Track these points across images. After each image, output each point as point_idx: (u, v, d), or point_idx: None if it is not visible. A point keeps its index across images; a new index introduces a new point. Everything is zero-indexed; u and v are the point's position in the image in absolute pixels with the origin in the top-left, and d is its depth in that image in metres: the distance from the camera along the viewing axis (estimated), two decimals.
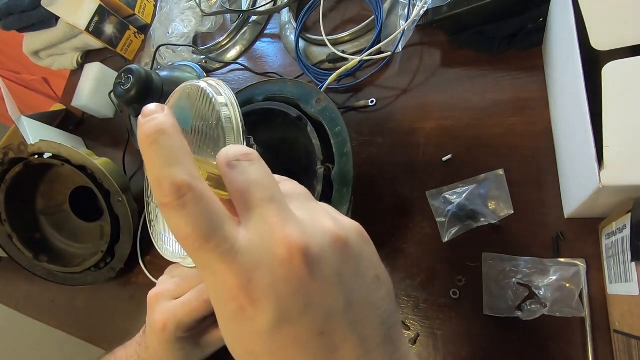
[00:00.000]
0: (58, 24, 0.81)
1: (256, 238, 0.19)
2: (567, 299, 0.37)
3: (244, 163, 0.20)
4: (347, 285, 0.20)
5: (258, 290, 0.18)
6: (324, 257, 0.19)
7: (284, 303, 0.18)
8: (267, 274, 0.18)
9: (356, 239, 0.21)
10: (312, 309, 0.19)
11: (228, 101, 0.39)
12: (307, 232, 0.19)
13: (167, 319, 0.37)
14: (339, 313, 0.19)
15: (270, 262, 0.18)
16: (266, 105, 0.46)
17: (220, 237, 0.18)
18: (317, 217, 0.21)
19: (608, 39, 0.31)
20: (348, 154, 0.39)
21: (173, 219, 0.18)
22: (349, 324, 0.19)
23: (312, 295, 0.19)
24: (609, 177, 0.29)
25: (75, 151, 0.56)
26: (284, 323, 0.18)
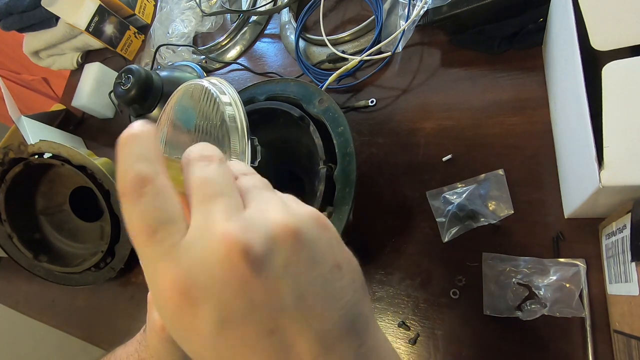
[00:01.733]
0: (58, 24, 0.81)
1: (197, 234, 0.18)
2: (567, 299, 0.37)
3: (202, 163, 0.20)
4: (297, 278, 0.18)
5: (196, 291, 0.17)
6: (269, 251, 0.18)
7: (224, 305, 0.17)
8: (206, 274, 0.17)
9: (310, 227, 0.20)
10: (257, 308, 0.18)
11: (232, 100, 0.39)
12: (251, 227, 0.18)
13: None
14: (289, 309, 0.18)
15: (209, 260, 0.17)
16: (268, 105, 0.46)
17: (166, 232, 0.18)
18: (267, 208, 0.19)
19: (608, 39, 0.31)
20: (351, 153, 0.39)
21: (128, 209, 0.18)
22: (302, 319, 0.18)
23: (256, 293, 0.17)
24: (609, 177, 0.29)
25: (75, 151, 0.56)
26: (227, 325, 0.17)
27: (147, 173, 0.18)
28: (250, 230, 0.18)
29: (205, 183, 0.19)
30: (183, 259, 0.17)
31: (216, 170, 0.20)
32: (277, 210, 0.19)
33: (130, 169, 0.18)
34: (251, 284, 0.17)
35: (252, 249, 0.17)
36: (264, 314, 0.18)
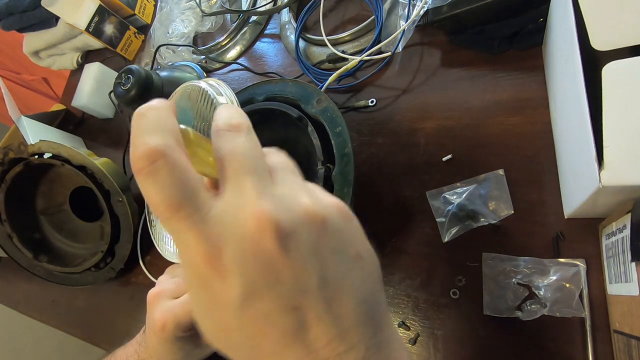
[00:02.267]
0: (58, 24, 0.81)
1: (229, 209, 0.18)
2: (567, 299, 0.37)
3: (231, 133, 0.20)
4: (322, 262, 0.19)
5: (226, 263, 0.17)
6: (298, 232, 0.18)
7: (252, 277, 0.17)
8: (237, 247, 0.17)
9: (336, 216, 0.20)
10: (282, 284, 0.18)
11: (229, 101, 0.39)
12: (282, 207, 0.18)
13: (166, 318, 0.37)
14: (312, 290, 0.18)
15: (240, 234, 0.17)
16: (267, 105, 0.46)
17: (192, 206, 0.18)
18: (297, 192, 0.20)
19: (608, 39, 0.31)
20: (349, 154, 0.39)
21: (145, 185, 0.17)
22: (323, 301, 0.18)
23: (283, 270, 0.18)
24: (609, 177, 0.29)
25: (75, 151, 0.56)
26: (252, 298, 0.18)
27: (158, 145, 0.17)
28: (282, 209, 0.18)
29: (237, 156, 0.19)
30: (214, 233, 0.17)
31: (246, 143, 0.20)
32: (306, 195, 0.20)
33: (141, 143, 0.17)
34: (279, 260, 0.18)
35: (282, 227, 0.18)
36: (287, 291, 0.18)
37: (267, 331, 0.18)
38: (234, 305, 0.18)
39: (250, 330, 0.18)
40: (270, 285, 0.18)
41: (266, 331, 0.18)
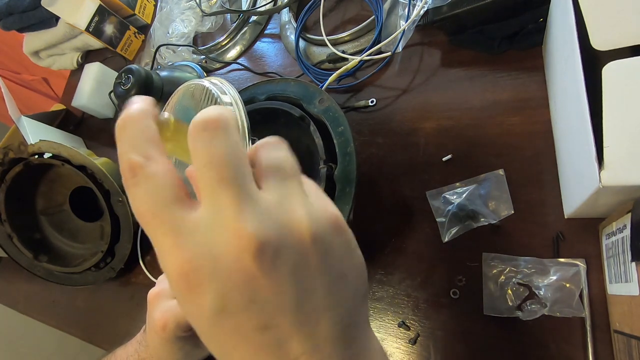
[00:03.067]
0: (58, 24, 0.81)
1: (206, 223, 0.18)
2: (567, 299, 0.37)
3: (205, 135, 0.18)
4: (302, 283, 0.18)
5: (199, 276, 0.17)
6: (281, 252, 0.17)
7: (224, 294, 0.17)
8: (211, 262, 0.17)
9: (327, 232, 0.19)
10: (257, 304, 0.18)
11: (233, 100, 0.39)
12: (266, 224, 0.17)
13: (167, 318, 0.37)
14: (288, 310, 0.18)
15: (216, 250, 0.17)
16: (269, 104, 0.46)
17: (168, 214, 0.18)
18: (287, 202, 0.19)
19: (608, 39, 0.31)
20: (351, 153, 0.39)
21: (130, 196, 0.18)
22: (297, 322, 0.18)
23: (259, 291, 0.17)
24: (609, 177, 0.29)
25: (75, 151, 0.56)
26: (223, 314, 0.17)
27: (137, 160, 0.18)
28: (265, 227, 0.17)
29: (211, 163, 0.18)
30: (189, 244, 0.17)
31: (223, 146, 0.18)
32: (297, 207, 0.19)
33: (123, 157, 0.18)
34: (256, 281, 0.17)
35: (264, 247, 0.17)
36: (262, 309, 0.18)
37: (239, 345, 0.18)
38: (207, 319, 0.18)
39: (222, 342, 0.18)
40: (244, 303, 0.17)
41: (238, 345, 0.18)
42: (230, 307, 0.17)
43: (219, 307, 0.17)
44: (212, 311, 0.17)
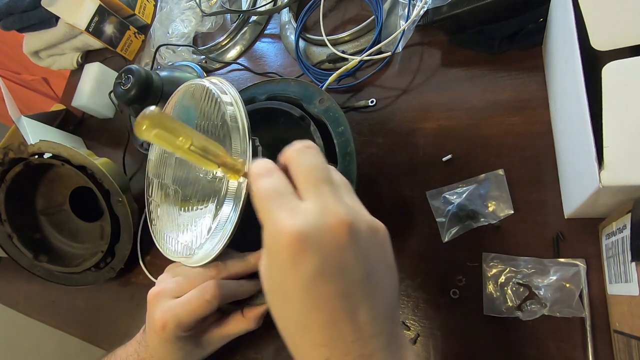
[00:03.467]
0: (58, 24, 0.81)
1: (314, 207, 0.24)
2: (567, 299, 0.37)
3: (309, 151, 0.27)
4: (370, 263, 0.25)
5: (310, 244, 0.23)
6: (361, 236, 0.24)
7: (326, 261, 0.23)
8: (319, 235, 0.23)
9: (383, 233, 0.26)
10: (344, 273, 0.23)
11: (233, 100, 0.39)
12: (352, 214, 0.24)
13: (167, 318, 0.37)
14: (360, 282, 0.24)
15: (322, 227, 0.23)
16: (269, 104, 0.46)
17: (289, 197, 0.25)
18: (359, 206, 0.27)
19: (608, 39, 0.31)
20: (351, 153, 0.39)
21: (261, 182, 0.25)
22: (366, 293, 0.24)
23: (347, 261, 0.23)
24: (609, 177, 0.29)
25: (75, 151, 0.56)
26: (320, 277, 0.23)
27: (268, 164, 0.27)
28: (353, 215, 0.24)
29: (314, 169, 0.26)
30: (303, 221, 0.23)
31: (320, 159, 0.27)
32: (365, 211, 0.27)
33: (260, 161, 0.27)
34: (346, 253, 0.24)
35: (352, 228, 0.24)
36: (347, 278, 0.24)
37: (323, 309, 0.23)
38: (306, 278, 0.23)
39: (308, 306, 0.23)
40: (337, 271, 0.23)
41: (322, 309, 0.23)
42: (326, 272, 0.23)
43: (317, 271, 0.23)
44: (312, 274, 0.23)
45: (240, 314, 0.41)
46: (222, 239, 0.38)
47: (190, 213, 0.40)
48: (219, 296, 0.37)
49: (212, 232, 0.37)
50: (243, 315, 0.41)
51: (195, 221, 0.39)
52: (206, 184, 0.39)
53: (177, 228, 0.42)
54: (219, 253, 0.38)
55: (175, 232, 0.42)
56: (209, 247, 0.38)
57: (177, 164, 0.43)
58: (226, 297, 0.38)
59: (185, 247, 0.40)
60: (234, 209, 0.37)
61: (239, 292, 0.39)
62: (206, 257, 0.39)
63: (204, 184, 0.39)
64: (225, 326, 0.41)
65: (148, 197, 0.47)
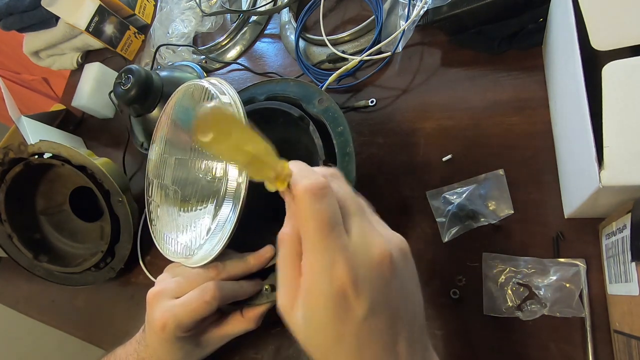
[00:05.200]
0: (58, 24, 0.81)
1: (359, 241, 0.24)
2: (567, 299, 0.37)
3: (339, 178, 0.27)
4: (405, 287, 0.25)
5: (361, 285, 0.23)
6: (399, 265, 0.25)
7: (376, 298, 0.23)
8: (367, 273, 0.23)
9: (407, 249, 0.26)
10: (389, 305, 0.24)
11: (232, 101, 0.39)
12: (387, 243, 0.24)
13: (167, 319, 0.37)
14: (400, 310, 0.24)
15: (369, 263, 0.23)
16: (268, 104, 0.46)
17: (339, 230, 0.24)
18: (385, 229, 0.27)
19: (608, 39, 0.31)
20: (350, 153, 0.39)
21: (313, 205, 0.23)
22: (404, 320, 0.25)
23: (391, 294, 0.24)
24: (609, 177, 0.29)
25: (75, 151, 0.56)
26: (372, 314, 0.23)
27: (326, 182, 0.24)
28: (388, 244, 0.25)
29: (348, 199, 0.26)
30: (354, 259, 0.23)
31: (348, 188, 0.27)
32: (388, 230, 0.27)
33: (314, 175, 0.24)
34: (390, 285, 0.24)
35: (392, 259, 0.24)
36: (391, 310, 0.24)
37: (372, 344, 0.24)
38: (360, 319, 0.23)
39: (363, 340, 0.24)
40: (384, 305, 0.24)
41: (371, 344, 0.24)
42: (376, 310, 0.23)
43: (372, 309, 0.23)
44: (367, 313, 0.23)
45: (239, 314, 0.41)
46: (221, 239, 0.38)
47: (190, 213, 0.41)
48: (219, 297, 0.37)
49: (212, 233, 0.37)
50: (242, 316, 0.41)
51: (195, 222, 0.40)
52: (205, 185, 0.39)
53: (176, 228, 0.42)
54: (218, 253, 0.38)
55: (175, 232, 0.42)
56: (209, 247, 0.38)
57: (177, 164, 0.43)
58: (226, 299, 0.38)
59: (184, 247, 0.40)
60: (233, 209, 0.37)
61: (238, 293, 0.39)
62: (206, 257, 0.39)
63: (204, 185, 0.39)
64: (225, 326, 0.41)
65: (148, 197, 0.47)
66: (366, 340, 0.24)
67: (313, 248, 0.23)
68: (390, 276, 0.24)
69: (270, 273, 0.41)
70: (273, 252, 0.40)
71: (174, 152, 0.44)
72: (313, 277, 0.24)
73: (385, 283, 0.24)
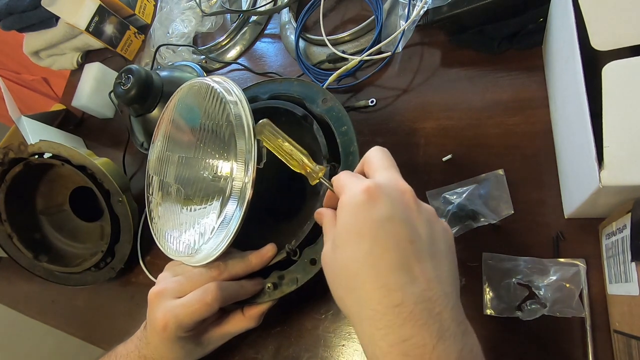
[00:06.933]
0: (58, 24, 0.81)
1: (385, 178, 0.29)
2: (567, 299, 0.37)
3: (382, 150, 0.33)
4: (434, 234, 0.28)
5: (383, 192, 0.27)
6: (425, 209, 0.29)
7: (395, 209, 0.27)
8: (389, 192, 0.28)
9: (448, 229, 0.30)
10: (411, 224, 0.27)
11: (237, 99, 0.39)
12: None
13: (168, 319, 0.37)
14: (425, 240, 0.27)
15: (393, 188, 0.28)
16: (272, 103, 0.46)
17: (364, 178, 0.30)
18: None
19: (608, 39, 0.31)
20: (354, 152, 0.39)
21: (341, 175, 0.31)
22: (430, 252, 0.27)
23: (413, 217, 0.28)
24: (609, 177, 0.29)
25: (75, 151, 0.56)
26: (391, 220, 0.26)
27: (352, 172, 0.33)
28: None
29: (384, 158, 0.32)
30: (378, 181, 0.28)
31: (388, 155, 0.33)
32: None
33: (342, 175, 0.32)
34: (412, 209, 0.28)
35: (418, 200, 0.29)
36: (413, 229, 0.27)
37: (392, 250, 0.26)
38: (377, 219, 0.26)
39: (380, 243, 0.26)
40: (404, 220, 0.27)
41: (390, 249, 0.26)
42: (395, 217, 0.27)
43: (389, 214, 0.27)
44: (384, 215, 0.26)
45: (240, 313, 0.41)
46: (225, 238, 0.38)
47: (193, 212, 0.40)
48: (220, 299, 0.37)
49: (215, 232, 0.37)
50: (243, 314, 0.41)
51: (198, 220, 0.39)
52: (210, 183, 0.39)
53: (178, 227, 0.42)
54: (221, 252, 0.38)
55: (176, 230, 0.42)
56: (212, 246, 0.38)
57: (180, 162, 0.43)
58: (227, 300, 0.38)
59: (186, 246, 0.40)
60: (238, 208, 0.37)
61: (239, 293, 0.39)
62: (208, 256, 0.39)
63: (208, 183, 0.39)
64: (226, 325, 0.41)
65: (148, 195, 0.47)
66: (385, 242, 0.26)
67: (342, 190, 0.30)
68: (413, 205, 0.28)
69: (272, 271, 0.41)
70: (274, 250, 0.40)
71: (177, 150, 0.44)
72: (341, 200, 0.29)
73: (407, 205, 0.28)
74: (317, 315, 0.46)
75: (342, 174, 0.31)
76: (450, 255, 0.29)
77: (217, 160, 0.39)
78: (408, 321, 0.24)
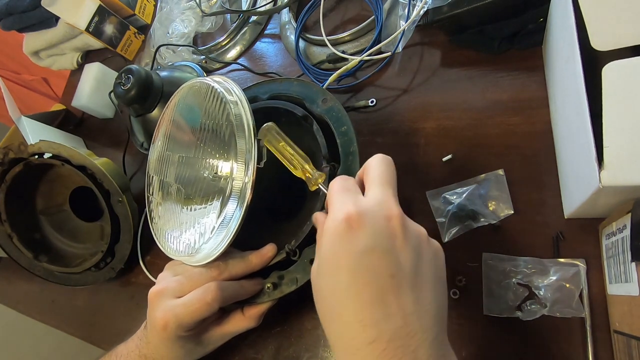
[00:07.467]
0: (58, 24, 0.81)
1: (374, 199, 0.28)
2: (567, 299, 0.37)
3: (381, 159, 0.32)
4: (420, 262, 0.27)
5: (365, 223, 0.26)
6: (412, 234, 0.27)
7: (377, 239, 0.26)
8: (373, 217, 0.27)
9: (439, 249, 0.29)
10: (393, 255, 0.26)
11: (238, 99, 0.39)
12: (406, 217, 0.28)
13: (168, 318, 0.37)
14: (408, 272, 0.26)
15: (378, 213, 0.27)
16: (271, 104, 0.46)
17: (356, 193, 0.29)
18: None
19: (608, 39, 0.31)
20: (354, 153, 0.39)
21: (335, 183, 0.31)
22: (412, 284, 0.26)
23: (396, 247, 0.26)
24: (609, 177, 0.29)
25: (75, 151, 0.56)
26: (372, 252, 0.26)
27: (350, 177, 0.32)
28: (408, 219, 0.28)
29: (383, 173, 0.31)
30: (362, 206, 0.27)
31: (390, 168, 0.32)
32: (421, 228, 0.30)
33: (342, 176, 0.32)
34: (396, 238, 0.27)
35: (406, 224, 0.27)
36: (395, 260, 0.26)
37: (371, 283, 0.25)
38: (357, 250, 0.26)
39: (359, 278, 0.25)
40: (386, 250, 0.26)
41: (370, 283, 0.25)
42: (377, 248, 0.26)
43: (370, 245, 0.26)
44: (364, 247, 0.26)
45: (240, 313, 0.41)
46: (225, 238, 0.38)
47: (193, 212, 0.41)
48: (220, 299, 0.37)
49: (216, 231, 0.37)
50: (243, 314, 0.41)
51: (198, 220, 0.39)
52: (210, 183, 0.39)
53: (179, 226, 0.42)
54: (221, 252, 0.38)
55: (176, 230, 0.42)
56: (212, 246, 0.38)
57: (180, 162, 0.43)
58: (227, 299, 0.38)
59: (187, 245, 0.40)
60: (239, 208, 0.37)
61: (240, 293, 0.39)
62: (208, 256, 0.39)
63: (208, 183, 0.39)
64: (226, 325, 0.41)
65: (149, 195, 0.47)
66: (364, 276, 0.25)
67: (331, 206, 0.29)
68: (399, 233, 0.26)
69: (272, 272, 0.41)
70: (275, 250, 0.40)
71: (177, 150, 0.44)
72: (327, 221, 0.28)
73: (391, 234, 0.26)
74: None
75: (336, 184, 0.30)
76: (437, 284, 0.28)
77: (217, 160, 0.39)
78: (381, 358, 0.24)
